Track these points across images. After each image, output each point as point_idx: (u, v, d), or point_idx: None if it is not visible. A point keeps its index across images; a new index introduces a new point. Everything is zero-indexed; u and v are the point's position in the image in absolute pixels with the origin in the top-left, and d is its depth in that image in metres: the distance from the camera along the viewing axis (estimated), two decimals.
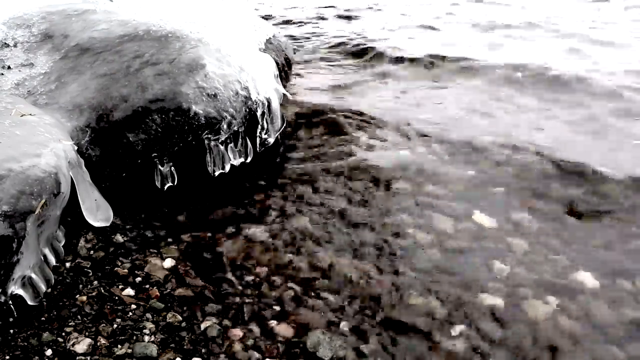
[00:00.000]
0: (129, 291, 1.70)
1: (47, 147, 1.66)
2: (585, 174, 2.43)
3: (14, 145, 1.60)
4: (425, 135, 2.88)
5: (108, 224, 1.94)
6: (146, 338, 1.52)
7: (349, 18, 5.96)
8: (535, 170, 2.50)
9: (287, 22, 5.82)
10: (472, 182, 2.45)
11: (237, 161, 2.30)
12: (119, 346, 1.48)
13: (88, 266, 1.77)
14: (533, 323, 1.67)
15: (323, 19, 5.92)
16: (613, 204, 2.26)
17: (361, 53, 4.39)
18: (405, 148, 2.77)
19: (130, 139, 2.03)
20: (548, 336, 1.63)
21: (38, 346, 1.44)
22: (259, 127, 2.36)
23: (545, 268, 1.90)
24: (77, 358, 1.42)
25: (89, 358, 1.43)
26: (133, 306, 1.63)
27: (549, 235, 2.09)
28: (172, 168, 2.12)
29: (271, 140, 2.47)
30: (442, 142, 2.80)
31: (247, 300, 1.75)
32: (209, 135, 2.13)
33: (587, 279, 1.86)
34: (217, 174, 2.25)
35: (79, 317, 1.56)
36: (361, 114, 3.08)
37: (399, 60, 4.15)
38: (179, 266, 1.86)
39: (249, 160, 2.36)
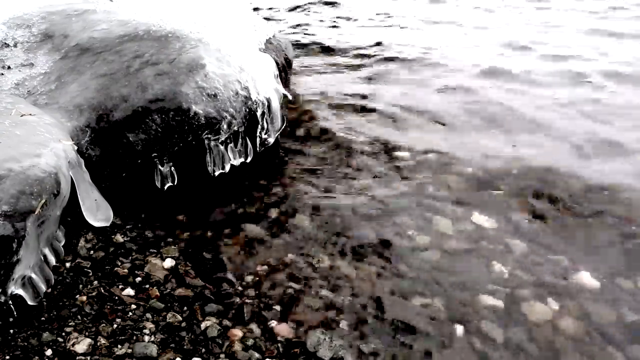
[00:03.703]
0: (129, 291, 1.69)
1: (47, 147, 1.66)
2: None
3: (14, 145, 1.60)
4: None
5: (108, 224, 1.94)
6: (146, 338, 1.52)
7: None
8: None
9: None
10: None
11: (237, 161, 2.30)
12: (119, 346, 1.48)
13: (88, 266, 1.77)
14: None
15: None
16: None
17: None
18: None
19: (130, 139, 2.03)
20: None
21: (38, 346, 1.43)
22: (259, 127, 2.36)
23: None
24: (77, 358, 1.42)
25: (89, 358, 1.43)
26: (133, 306, 1.63)
27: None
28: (172, 168, 2.12)
29: (271, 140, 2.46)
30: None
31: (247, 300, 1.75)
32: (209, 135, 2.13)
33: None
34: (217, 173, 2.25)
35: (79, 317, 1.56)
36: None
37: None
38: (179, 266, 1.86)
39: (249, 160, 2.36)
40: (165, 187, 2.15)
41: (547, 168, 2.56)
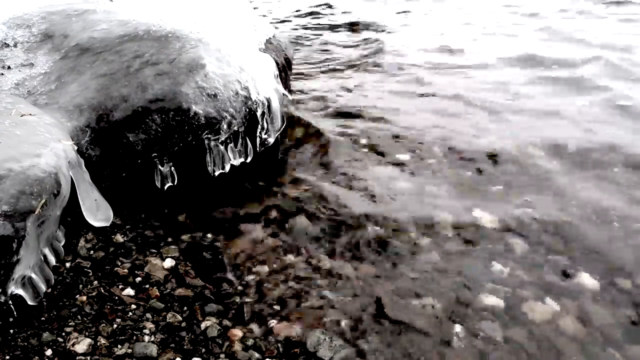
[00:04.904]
0: (129, 291, 1.70)
1: (47, 147, 1.66)
2: None
3: (14, 145, 1.60)
4: None
5: (108, 224, 1.94)
6: (146, 338, 1.52)
7: None
8: None
9: None
10: None
11: (237, 161, 2.30)
12: (119, 346, 1.48)
13: (88, 266, 1.77)
14: None
15: None
16: None
17: None
18: None
19: (130, 139, 2.03)
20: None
21: (38, 346, 1.44)
22: (259, 127, 2.36)
23: None
24: (77, 358, 1.42)
25: (89, 358, 1.43)
26: (133, 306, 1.63)
27: None
28: (172, 168, 2.12)
29: (271, 140, 2.46)
30: None
31: (247, 300, 1.75)
32: (209, 135, 2.13)
33: None
34: (217, 173, 2.25)
35: (79, 317, 1.56)
36: None
37: None
38: (179, 266, 1.86)
39: (249, 160, 2.36)
40: (165, 187, 2.15)
41: None
